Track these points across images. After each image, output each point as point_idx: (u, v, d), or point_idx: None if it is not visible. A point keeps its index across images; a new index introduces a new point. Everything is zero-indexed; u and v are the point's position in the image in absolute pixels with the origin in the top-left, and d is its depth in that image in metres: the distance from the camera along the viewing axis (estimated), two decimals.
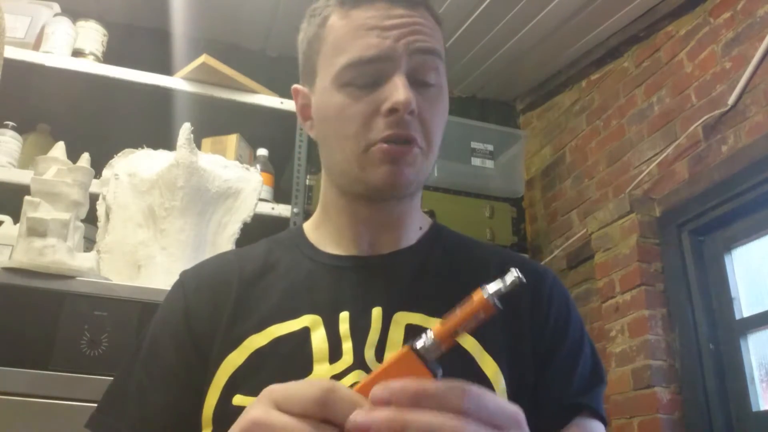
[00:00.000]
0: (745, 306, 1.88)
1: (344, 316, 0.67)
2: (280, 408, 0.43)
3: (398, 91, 0.66)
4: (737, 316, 1.88)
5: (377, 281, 0.71)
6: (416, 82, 0.69)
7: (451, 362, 0.66)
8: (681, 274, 1.98)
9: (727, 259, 1.95)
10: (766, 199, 1.80)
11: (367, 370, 0.64)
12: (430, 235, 0.79)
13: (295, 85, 0.79)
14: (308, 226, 0.80)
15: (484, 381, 0.65)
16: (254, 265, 0.75)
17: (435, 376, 0.43)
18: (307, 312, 0.68)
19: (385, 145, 0.67)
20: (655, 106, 2.21)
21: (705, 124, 1.97)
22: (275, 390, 0.45)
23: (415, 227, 0.78)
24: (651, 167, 2.15)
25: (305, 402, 0.42)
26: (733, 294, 1.91)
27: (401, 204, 0.75)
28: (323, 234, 0.77)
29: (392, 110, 0.66)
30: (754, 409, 1.78)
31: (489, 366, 0.66)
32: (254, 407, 0.44)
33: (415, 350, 0.43)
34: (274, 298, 0.71)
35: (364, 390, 0.43)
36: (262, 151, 2.03)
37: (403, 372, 0.43)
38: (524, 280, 0.44)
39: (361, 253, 0.74)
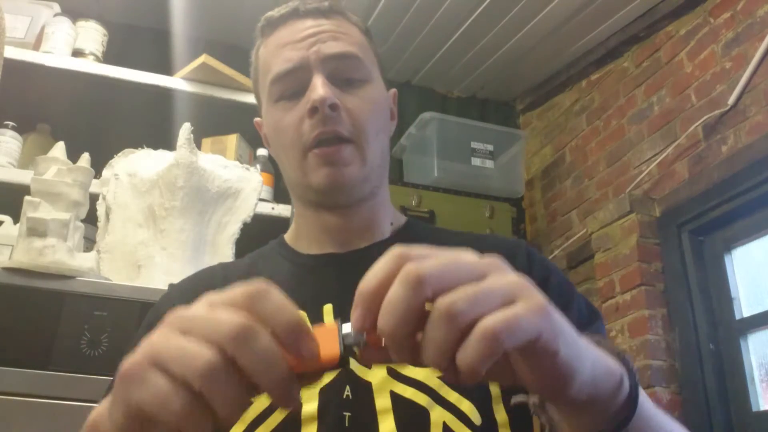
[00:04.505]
0: (745, 306, 1.88)
1: (328, 309, 0.70)
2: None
3: (315, 90, 0.71)
4: (737, 316, 1.88)
5: (356, 274, 0.72)
6: (341, 81, 0.74)
7: None
8: (681, 274, 1.98)
9: (727, 259, 1.95)
10: (766, 199, 1.80)
11: (356, 357, 0.65)
12: (405, 228, 0.82)
13: (256, 119, 0.85)
14: (288, 236, 0.84)
15: None
16: (239, 273, 0.78)
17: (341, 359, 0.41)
18: None
19: (317, 150, 0.72)
20: (655, 106, 2.21)
21: (705, 124, 1.97)
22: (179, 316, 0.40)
23: (386, 222, 0.80)
24: (651, 167, 2.15)
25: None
26: (733, 294, 1.91)
27: (365, 206, 0.77)
28: (300, 242, 0.80)
29: (313, 109, 0.71)
30: (754, 409, 1.78)
31: None
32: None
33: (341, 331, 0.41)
34: None
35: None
36: (262, 151, 2.03)
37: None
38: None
39: (338, 250, 0.77)
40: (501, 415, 0.65)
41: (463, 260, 0.39)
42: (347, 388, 0.64)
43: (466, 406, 0.63)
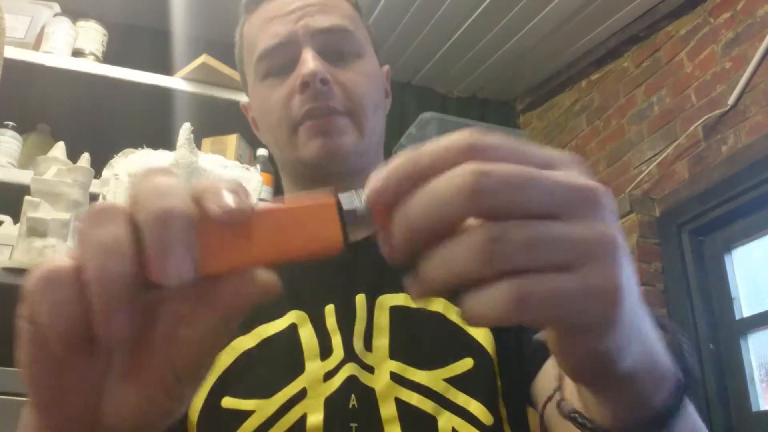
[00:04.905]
0: (745, 306, 1.88)
1: (330, 310, 0.66)
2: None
3: (305, 64, 0.67)
4: (737, 316, 1.88)
5: (356, 268, 0.69)
6: (332, 55, 0.70)
7: (438, 333, 0.65)
8: (681, 274, 1.98)
9: (727, 259, 1.95)
10: (766, 199, 1.80)
11: (359, 362, 0.62)
12: None
13: (242, 102, 0.82)
14: None
15: (475, 346, 0.64)
16: None
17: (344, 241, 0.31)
18: (292, 308, 0.67)
19: (309, 122, 0.68)
20: (655, 106, 2.21)
21: (705, 124, 1.97)
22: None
23: None
24: (651, 167, 2.15)
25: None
26: (733, 294, 1.91)
27: (359, 181, 0.72)
28: None
29: (304, 84, 0.67)
30: (754, 409, 1.79)
31: (478, 330, 0.65)
32: None
33: (340, 207, 0.32)
34: None
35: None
36: (262, 151, 2.03)
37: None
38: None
39: None
40: (503, 410, 0.63)
41: (546, 178, 0.28)
42: (353, 397, 0.60)
43: (475, 407, 0.60)
